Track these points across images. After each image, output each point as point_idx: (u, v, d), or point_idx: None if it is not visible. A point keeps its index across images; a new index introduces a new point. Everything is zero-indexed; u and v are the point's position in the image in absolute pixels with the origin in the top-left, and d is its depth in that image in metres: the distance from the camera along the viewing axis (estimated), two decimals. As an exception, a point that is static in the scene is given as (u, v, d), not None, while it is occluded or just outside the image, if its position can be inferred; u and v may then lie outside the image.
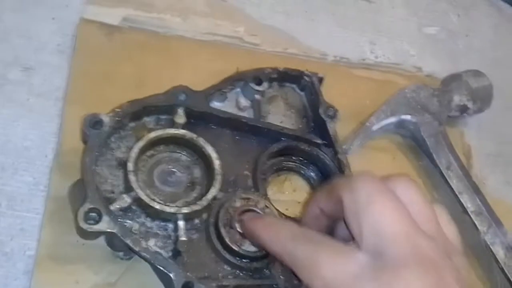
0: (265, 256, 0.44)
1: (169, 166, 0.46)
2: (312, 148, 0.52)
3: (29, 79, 0.52)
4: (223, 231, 0.43)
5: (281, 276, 0.44)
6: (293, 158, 0.52)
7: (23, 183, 0.47)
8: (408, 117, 0.58)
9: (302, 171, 0.53)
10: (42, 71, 0.52)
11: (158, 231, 0.43)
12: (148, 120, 0.47)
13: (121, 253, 0.44)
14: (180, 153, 0.47)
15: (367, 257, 0.33)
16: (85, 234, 0.40)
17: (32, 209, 0.46)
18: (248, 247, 0.43)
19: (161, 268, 0.40)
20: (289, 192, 0.52)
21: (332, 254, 0.34)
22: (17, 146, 0.48)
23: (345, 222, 0.36)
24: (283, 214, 0.48)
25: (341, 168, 0.51)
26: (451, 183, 0.56)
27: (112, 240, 0.42)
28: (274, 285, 0.44)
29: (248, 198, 0.46)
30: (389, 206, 0.33)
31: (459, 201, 0.56)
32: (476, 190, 0.57)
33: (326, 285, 0.33)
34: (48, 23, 0.55)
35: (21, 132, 0.49)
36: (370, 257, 0.33)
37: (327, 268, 0.33)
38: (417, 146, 0.60)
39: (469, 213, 0.55)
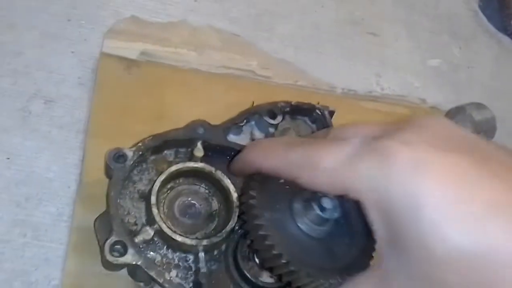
0: (283, 287, 0.45)
1: (189, 198, 0.48)
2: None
3: (51, 112, 0.54)
4: (241, 263, 0.45)
5: None
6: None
7: (47, 213, 0.48)
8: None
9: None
10: (63, 104, 0.54)
11: (179, 263, 0.45)
12: (168, 153, 0.49)
13: (141, 283, 0.46)
14: (199, 185, 0.49)
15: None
16: (110, 266, 0.42)
17: (56, 239, 0.47)
18: (266, 279, 0.45)
19: (184, 299, 0.42)
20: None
21: (327, 144, 0.35)
22: (40, 177, 0.50)
23: None
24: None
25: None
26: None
27: (135, 271, 0.44)
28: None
29: (265, 230, 0.48)
30: None
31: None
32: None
33: (330, 175, 0.33)
34: (68, 56, 0.57)
35: (44, 164, 0.51)
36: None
37: (326, 158, 0.34)
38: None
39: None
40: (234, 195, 0.47)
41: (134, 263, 0.41)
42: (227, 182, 0.48)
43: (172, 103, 0.56)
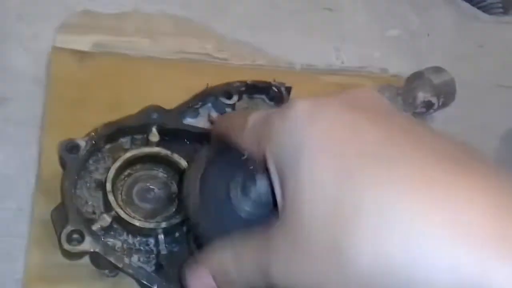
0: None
1: (147, 184, 0.48)
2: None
3: (7, 109, 0.54)
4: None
5: None
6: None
7: (8, 209, 0.49)
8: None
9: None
10: (19, 101, 0.54)
11: (140, 247, 0.45)
12: (124, 140, 0.49)
13: (106, 271, 0.46)
14: (157, 170, 0.49)
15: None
16: (69, 255, 0.42)
17: (17, 234, 0.47)
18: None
19: (145, 282, 0.42)
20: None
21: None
22: (0, 174, 0.50)
23: None
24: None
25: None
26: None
27: (97, 259, 0.44)
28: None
29: (225, 208, 0.48)
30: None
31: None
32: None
33: (252, 133, 0.32)
34: (21, 54, 0.57)
35: (3, 161, 0.51)
36: None
37: (253, 116, 0.33)
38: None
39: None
40: (192, 176, 0.48)
41: (92, 250, 0.42)
42: (184, 164, 0.48)
43: (128, 93, 0.56)
